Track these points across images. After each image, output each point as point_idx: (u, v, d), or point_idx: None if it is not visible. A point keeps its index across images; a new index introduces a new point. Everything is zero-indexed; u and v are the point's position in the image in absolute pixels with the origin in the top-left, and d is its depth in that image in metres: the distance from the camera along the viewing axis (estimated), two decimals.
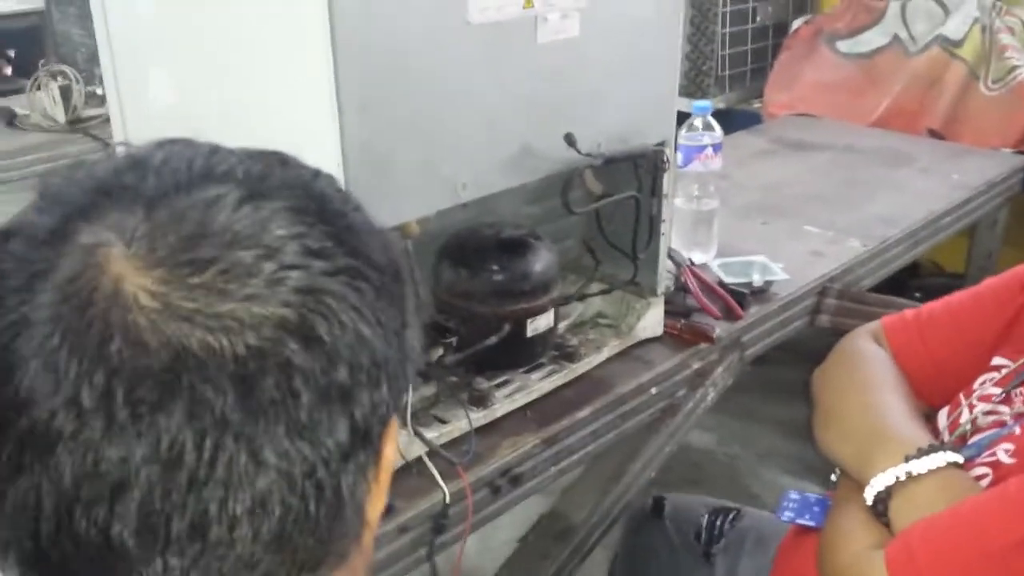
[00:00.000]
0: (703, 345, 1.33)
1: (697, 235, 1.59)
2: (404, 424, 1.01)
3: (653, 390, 1.26)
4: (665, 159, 1.20)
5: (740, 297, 1.42)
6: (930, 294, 2.77)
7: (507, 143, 1.01)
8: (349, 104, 0.84)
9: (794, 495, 0.96)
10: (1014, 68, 2.33)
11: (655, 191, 1.23)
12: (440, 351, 1.11)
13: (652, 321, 1.31)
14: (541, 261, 1.12)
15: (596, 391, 1.20)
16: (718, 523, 1.16)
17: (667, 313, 1.35)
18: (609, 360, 1.26)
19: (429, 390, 1.11)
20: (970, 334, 0.96)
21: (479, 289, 1.09)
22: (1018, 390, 0.85)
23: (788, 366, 1.75)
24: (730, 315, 1.39)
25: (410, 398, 1.07)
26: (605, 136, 1.12)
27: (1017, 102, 2.28)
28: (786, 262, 1.55)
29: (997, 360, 0.91)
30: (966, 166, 2.09)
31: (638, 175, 1.21)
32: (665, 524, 1.19)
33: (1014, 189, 2.15)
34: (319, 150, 0.86)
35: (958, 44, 2.42)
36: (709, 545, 1.14)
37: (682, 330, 1.34)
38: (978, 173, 2.04)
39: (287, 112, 0.91)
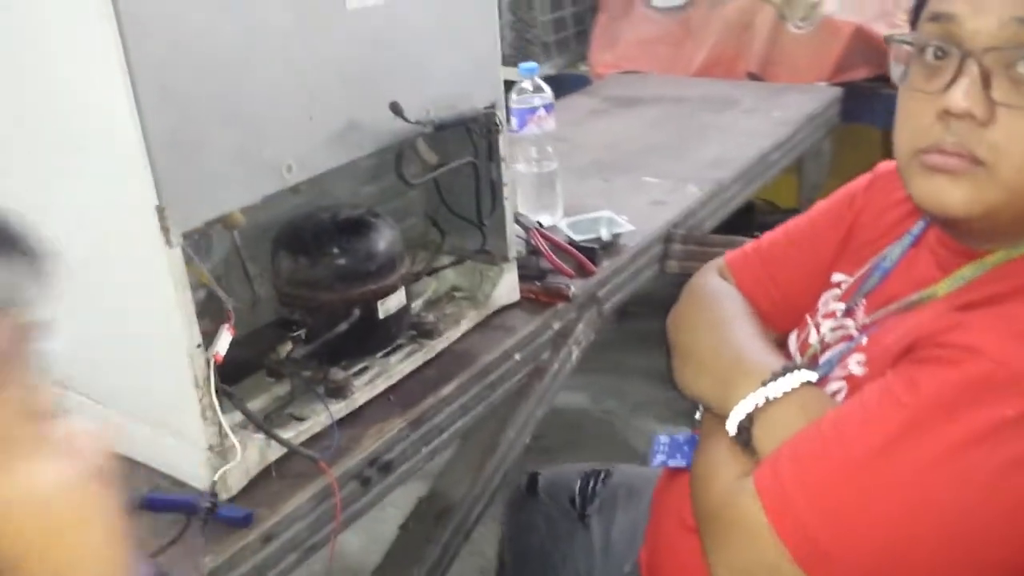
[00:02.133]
0: (560, 305, 1.32)
1: (542, 197, 1.58)
2: (258, 428, 0.95)
3: (517, 356, 1.24)
4: (497, 121, 1.18)
5: (591, 253, 1.42)
6: (767, 230, 2.92)
7: (331, 119, 0.96)
8: (147, 87, 0.77)
9: (663, 438, 0.97)
10: (817, 4, 2.45)
11: (492, 156, 1.21)
12: (289, 346, 1.05)
13: (507, 287, 1.29)
14: (384, 239, 1.07)
15: (459, 365, 1.17)
16: (591, 485, 1.15)
17: (522, 278, 1.33)
18: (469, 332, 1.23)
19: (283, 388, 1.05)
20: (808, 256, 0.98)
21: (322, 275, 1.04)
22: (860, 302, 0.88)
23: (647, 318, 1.78)
24: (583, 272, 1.39)
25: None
26: (433, 103, 1.09)
27: (825, 37, 2.39)
28: (631, 214, 1.57)
29: (836, 276, 0.93)
30: (786, 103, 2.19)
31: (473, 140, 1.19)
32: (541, 498, 1.18)
33: (833, 120, 2.26)
34: (120, 140, 0.79)
35: None
36: (584, 508, 1.14)
37: (538, 292, 1.33)
38: (797, 108, 2.14)
39: (82, 98, 0.82)
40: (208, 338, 0.90)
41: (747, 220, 2.85)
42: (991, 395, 0.66)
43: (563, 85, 2.76)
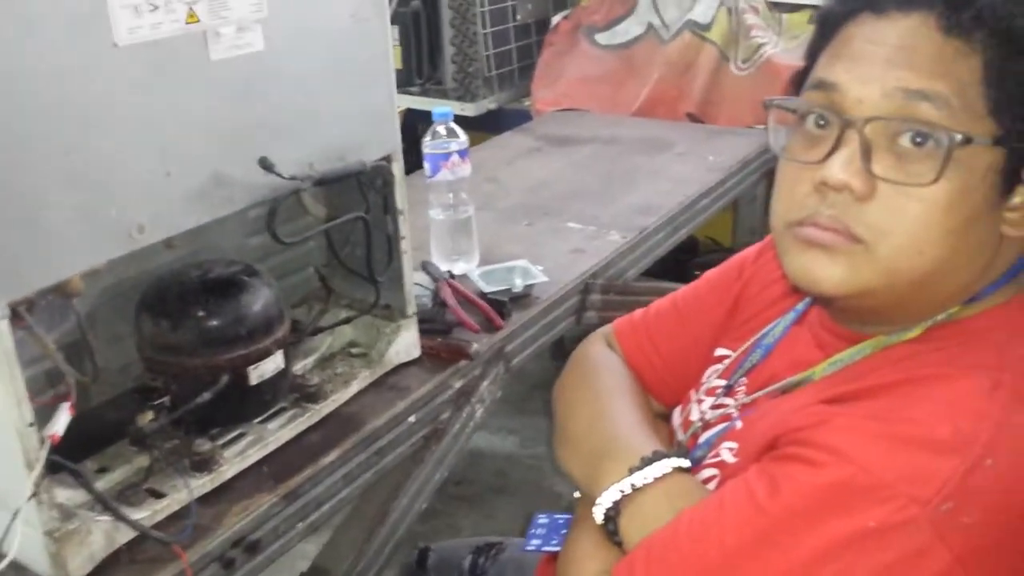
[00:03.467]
0: (463, 363, 1.26)
1: (457, 244, 1.53)
2: (105, 508, 0.87)
3: (411, 418, 1.18)
4: (391, 174, 1.13)
5: (499, 306, 1.36)
6: (708, 270, 2.89)
7: (191, 174, 0.90)
8: None
9: (542, 518, 0.91)
10: (760, 46, 2.44)
11: (388, 208, 1.15)
12: (150, 415, 0.98)
13: (406, 344, 1.23)
14: (257, 299, 1.01)
15: (345, 430, 1.10)
16: (480, 562, 1.09)
17: (427, 332, 1.28)
18: (360, 393, 1.17)
19: (143, 461, 0.97)
20: (694, 328, 0.93)
21: (184, 340, 0.97)
22: (741, 380, 0.83)
23: None
24: (491, 326, 1.34)
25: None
26: (318, 155, 1.03)
27: (766, 78, 2.37)
28: (549, 263, 1.52)
29: (720, 351, 0.89)
30: (721, 147, 2.16)
31: (364, 194, 1.13)
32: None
33: (769, 164, 2.23)
34: None
35: (707, 28, 2.50)
36: None
37: (440, 349, 1.27)
38: (732, 153, 2.11)
39: None
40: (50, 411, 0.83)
41: (688, 257, 2.84)
42: (852, 503, 0.61)
43: (504, 120, 2.73)
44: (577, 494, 0.86)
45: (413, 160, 1.60)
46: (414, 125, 2.44)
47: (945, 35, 0.64)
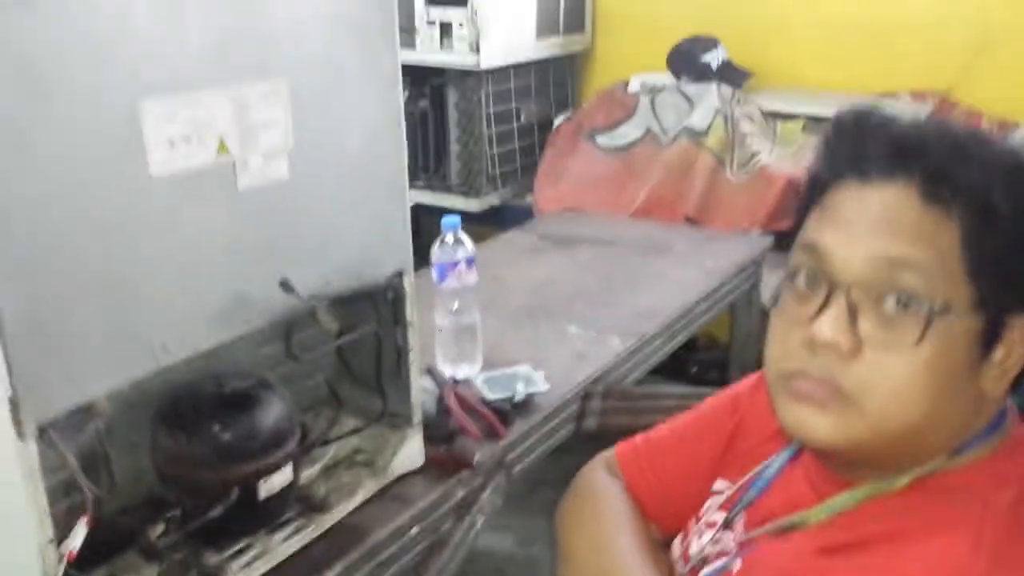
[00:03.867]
0: (465, 472, 1.28)
1: (461, 349, 1.56)
2: None
3: (414, 530, 1.19)
4: (404, 288, 1.17)
5: (503, 414, 1.39)
6: (705, 368, 2.90)
7: (214, 295, 0.94)
8: None
9: None
10: (755, 154, 2.53)
11: (398, 320, 1.19)
12: (161, 527, 0.99)
13: (410, 453, 1.25)
14: (271, 414, 1.04)
15: (349, 542, 1.11)
16: None
17: (430, 438, 1.30)
18: (366, 503, 1.18)
19: (151, 572, 0.99)
20: (691, 459, 0.96)
21: (200, 453, 0.99)
22: (740, 514, 0.85)
23: (586, 455, 1.76)
24: (492, 434, 1.36)
25: None
26: (335, 272, 1.07)
27: (761, 185, 2.45)
28: (550, 368, 1.55)
29: (718, 484, 0.91)
30: (719, 251, 2.21)
31: (376, 308, 1.17)
32: None
33: (764, 268, 2.29)
34: None
35: (704, 134, 2.59)
36: None
37: (443, 458, 1.29)
38: (729, 257, 2.16)
39: None
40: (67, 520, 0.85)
41: (687, 354, 2.87)
42: None
43: (507, 217, 2.80)
44: None
45: (416, 255, 1.64)
46: (417, 217, 2.50)
47: (925, 204, 0.69)
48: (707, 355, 2.87)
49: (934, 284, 0.68)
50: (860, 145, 0.72)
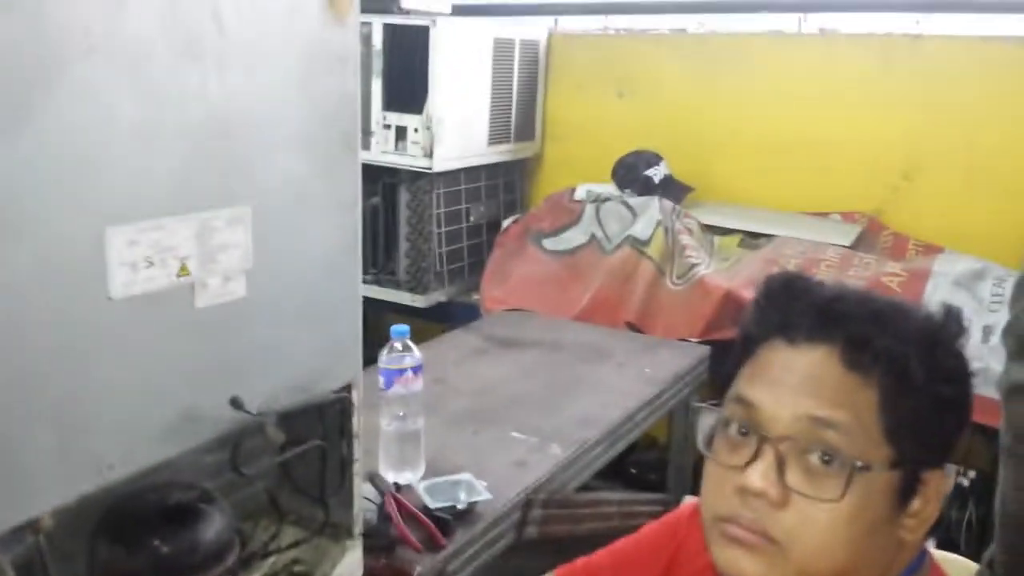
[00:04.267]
0: None
1: (404, 455, 1.58)
2: None
3: None
4: (351, 403, 1.19)
5: (444, 524, 1.40)
6: (644, 468, 2.93)
7: (165, 412, 0.95)
8: None
9: None
10: (693, 266, 2.62)
11: (344, 432, 1.21)
12: None
13: (349, 566, 1.25)
14: (212, 528, 1.04)
15: None
16: None
17: (371, 548, 1.30)
18: None
19: None
20: None
21: (140, 567, 0.99)
22: None
23: (532, 560, 1.75)
24: (432, 544, 1.37)
25: None
26: (285, 387, 1.09)
27: (698, 296, 2.54)
28: (492, 475, 1.57)
29: None
30: (658, 359, 2.28)
31: (323, 420, 1.19)
32: None
33: (701, 377, 2.35)
34: None
35: (646, 243, 2.69)
36: None
37: (382, 571, 1.29)
38: (667, 365, 2.23)
39: None
40: None
41: (625, 455, 2.90)
42: None
43: (453, 313, 2.84)
44: None
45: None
46: (365, 312, 2.53)
47: (846, 369, 0.75)
48: (646, 455, 2.91)
49: (855, 443, 0.74)
50: (787, 310, 0.78)
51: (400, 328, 1.58)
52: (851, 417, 0.74)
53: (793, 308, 0.78)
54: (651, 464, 2.87)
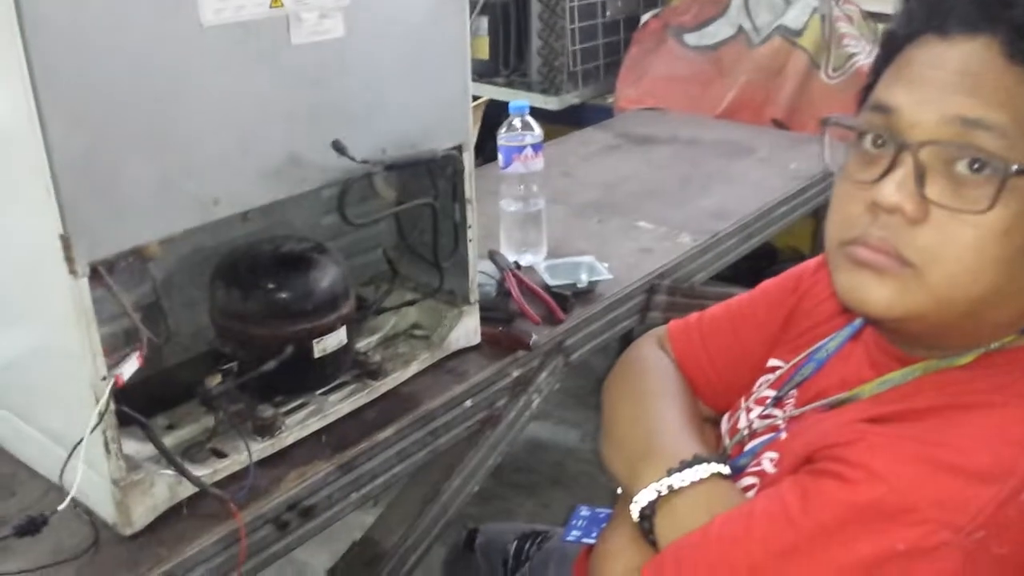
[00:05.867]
0: (522, 352, 1.28)
1: (526, 236, 1.55)
2: (169, 462, 0.93)
3: (468, 402, 1.21)
4: (461, 163, 1.15)
5: (562, 300, 1.38)
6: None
7: (267, 153, 0.94)
8: (55, 115, 0.75)
9: (584, 511, 0.92)
10: (852, 55, 2.39)
11: (456, 196, 1.18)
12: (218, 378, 1.03)
13: (466, 330, 1.26)
14: (325, 276, 1.05)
15: (402, 408, 1.14)
16: (525, 548, 1.11)
17: (489, 320, 1.30)
18: (419, 374, 1.20)
19: (209, 421, 1.03)
20: (746, 337, 0.93)
21: (254, 309, 1.02)
22: (791, 392, 0.83)
23: None
24: (552, 319, 1.35)
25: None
26: (391, 141, 1.06)
27: (856, 88, 2.31)
28: (616, 261, 1.53)
29: (772, 362, 0.89)
30: (806, 155, 2.11)
31: (434, 181, 1.16)
32: (476, 557, 1.14)
33: None
34: (28, 168, 0.77)
35: (799, 34, 2.46)
36: (515, 571, 1.10)
37: (500, 337, 1.29)
38: (816, 162, 2.06)
39: None
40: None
41: (767, 265, 2.79)
42: (882, 523, 0.61)
43: (586, 116, 2.73)
44: (620, 491, 0.87)
45: (491, 150, 1.63)
46: (496, 116, 2.47)
47: (1008, 61, 0.63)
48: (786, 266, 2.79)
49: (1011, 146, 0.63)
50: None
51: (519, 103, 1.52)
52: (1009, 117, 0.62)
53: None
54: None
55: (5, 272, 0.91)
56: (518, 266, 1.46)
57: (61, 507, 0.88)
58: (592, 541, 0.89)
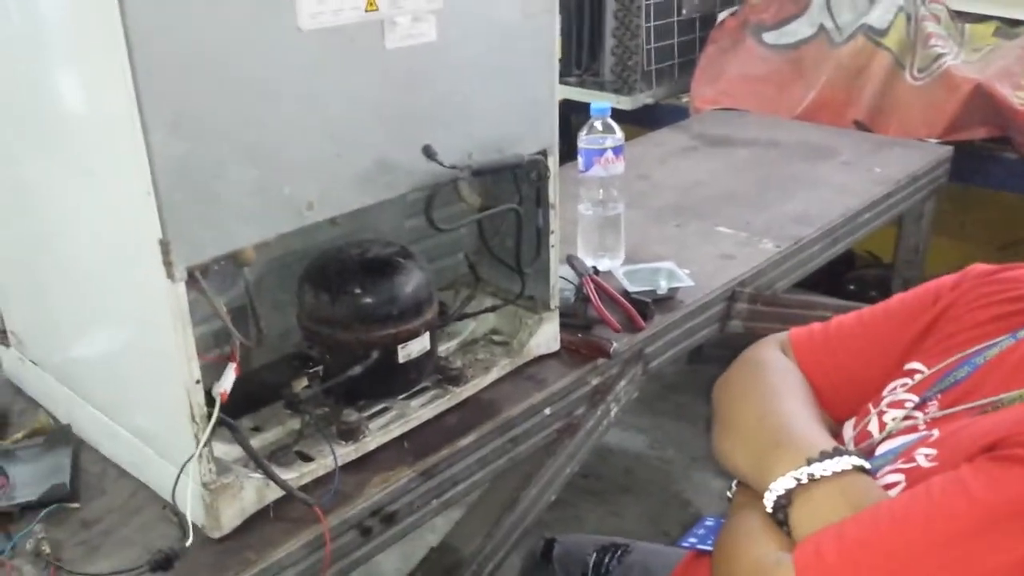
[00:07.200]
0: (601, 360, 1.26)
1: (604, 241, 1.53)
2: (258, 466, 0.93)
3: (547, 411, 1.19)
4: (547, 168, 1.14)
5: (642, 307, 1.35)
6: (864, 285, 2.76)
7: (359, 157, 0.93)
8: (156, 120, 0.76)
9: (709, 521, 0.91)
10: (939, 56, 2.30)
11: (540, 202, 1.16)
12: (304, 382, 1.03)
13: (546, 337, 1.24)
14: (410, 282, 1.04)
15: (482, 415, 1.13)
16: (605, 561, 1.09)
17: (567, 326, 1.28)
18: (499, 381, 1.19)
19: (294, 424, 1.03)
20: (882, 344, 0.92)
21: (341, 314, 1.02)
22: (935, 395, 0.81)
23: (723, 362, 1.72)
24: (632, 326, 1.33)
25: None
26: (477, 146, 1.05)
27: (942, 91, 2.24)
28: (696, 267, 1.49)
29: (912, 365, 0.86)
30: (889, 159, 2.05)
31: (518, 186, 1.14)
32: (554, 568, 1.12)
33: (940, 180, 2.11)
34: (127, 172, 0.78)
35: (883, 33, 2.38)
36: None
37: (579, 345, 1.27)
38: (901, 166, 2.00)
39: (91, 130, 0.83)
40: (217, 369, 0.89)
41: (845, 270, 2.72)
42: None
43: (660, 116, 2.69)
44: (729, 493, 0.85)
45: (564, 151, 1.60)
46: (568, 115, 2.45)
47: None
48: (865, 272, 2.71)
49: None
50: None
51: (601, 105, 1.49)
52: None
53: None
54: (872, 281, 2.67)
55: (101, 272, 0.92)
56: (596, 271, 1.44)
57: (188, 543, 0.88)
58: (708, 547, 0.87)
